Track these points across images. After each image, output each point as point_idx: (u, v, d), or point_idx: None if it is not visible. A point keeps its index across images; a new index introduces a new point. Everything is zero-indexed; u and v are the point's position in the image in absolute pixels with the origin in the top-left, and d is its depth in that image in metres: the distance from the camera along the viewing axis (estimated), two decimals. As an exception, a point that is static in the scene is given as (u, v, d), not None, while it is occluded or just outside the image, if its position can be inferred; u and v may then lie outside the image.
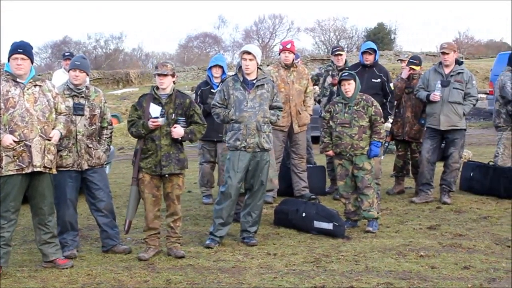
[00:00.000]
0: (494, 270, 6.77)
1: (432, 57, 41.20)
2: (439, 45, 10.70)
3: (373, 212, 8.61)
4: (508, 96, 10.49)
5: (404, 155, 11.22)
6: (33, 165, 6.92)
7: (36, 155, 6.93)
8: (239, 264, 7.22)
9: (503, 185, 10.47)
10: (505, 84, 10.56)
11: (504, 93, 10.56)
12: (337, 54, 11.25)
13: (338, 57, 11.22)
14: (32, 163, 6.91)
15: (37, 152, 6.93)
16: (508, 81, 10.54)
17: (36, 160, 6.93)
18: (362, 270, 6.85)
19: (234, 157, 8.00)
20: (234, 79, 8.12)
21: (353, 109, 8.65)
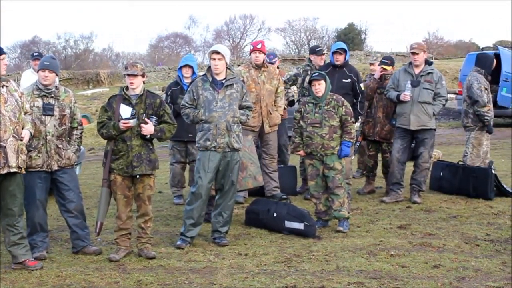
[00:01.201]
0: (463, 269, 6.83)
1: (402, 57, 41.37)
2: (409, 45, 10.76)
3: (343, 212, 8.64)
4: (474, 96, 10.58)
5: (375, 155, 11.27)
6: (9, 165, 6.87)
7: (11, 156, 6.88)
8: (210, 264, 7.21)
9: (472, 185, 10.55)
10: (472, 85, 10.64)
11: (471, 93, 10.64)
12: (323, 54, 11.22)
13: (322, 56, 11.19)
14: (7, 163, 6.86)
15: (12, 152, 6.89)
16: (475, 82, 10.63)
17: (12, 161, 6.88)
18: (333, 270, 6.88)
19: (204, 157, 7.98)
20: (203, 79, 8.10)
21: (324, 109, 8.66)
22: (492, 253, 7.47)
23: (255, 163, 9.16)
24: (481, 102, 10.56)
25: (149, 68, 46.15)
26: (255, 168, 9.13)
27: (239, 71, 10.21)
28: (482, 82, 10.65)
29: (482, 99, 10.55)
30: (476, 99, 10.56)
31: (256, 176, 9.15)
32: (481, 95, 10.53)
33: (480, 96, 10.53)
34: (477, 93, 10.54)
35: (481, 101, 10.55)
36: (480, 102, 10.56)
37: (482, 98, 10.55)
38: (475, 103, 10.61)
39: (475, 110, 10.65)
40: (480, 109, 10.59)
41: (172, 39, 77.49)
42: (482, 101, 10.55)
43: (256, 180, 9.15)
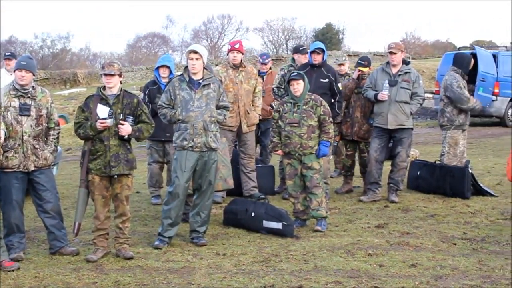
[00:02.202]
0: (440, 268, 6.87)
1: (380, 57, 41.54)
2: (387, 45, 10.80)
3: (321, 211, 8.65)
4: (455, 95, 10.63)
5: (352, 155, 11.30)
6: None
7: None
8: (188, 264, 7.20)
9: (449, 184, 10.61)
10: (451, 84, 10.70)
11: (451, 93, 10.70)
12: (307, 53, 11.11)
13: (306, 55, 10.99)
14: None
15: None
16: (454, 81, 10.69)
17: None
18: (311, 269, 6.89)
19: (181, 157, 7.97)
20: (180, 79, 8.09)
21: (302, 108, 8.67)
22: (469, 251, 7.52)
23: (227, 166, 9.15)
24: (465, 98, 10.63)
25: (127, 68, 45.98)
26: (227, 170, 9.12)
27: (217, 71, 10.20)
28: (460, 80, 10.72)
29: (464, 95, 10.62)
30: (459, 97, 10.62)
31: (227, 179, 9.14)
32: (462, 92, 10.60)
33: (461, 93, 10.60)
34: (458, 91, 10.60)
35: (464, 97, 10.63)
36: (464, 99, 10.63)
37: (464, 94, 10.62)
38: (459, 101, 10.67)
39: (462, 108, 10.72)
40: (466, 105, 10.67)
41: (150, 39, 77.23)
42: (465, 97, 10.63)
43: (226, 182, 9.14)
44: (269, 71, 12.36)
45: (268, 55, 12.79)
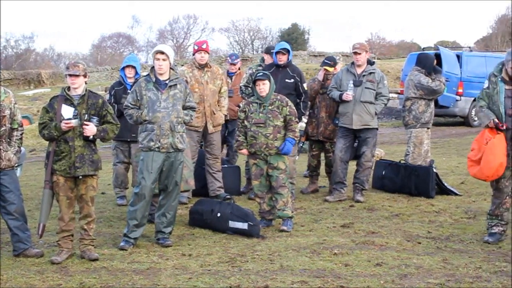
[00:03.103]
0: (405, 266, 6.91)
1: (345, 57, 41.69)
2: (352, 45, 10.85)
3: (287, 211, 8.67)
4: (429, 88, 10.76)
5: (318, 155, 11.33)
6: None
7: None
8: (154, 265, 7.17)
9: (414, 183, 10.69)
10: (420, 81, 10.81)
11: (424, 88, 10.80)
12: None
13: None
14: None
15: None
16: (421, 78, 10.81)
17: None
18: (277, 269, 6.89)
19: (148, 157, 7.94)
20: (147, 79, 8.06)
21: (268, 109, 8.68)
22: (433, 250, 7.58)
23: (188, 167, 9.14)
24: (437, 87, 10.82)
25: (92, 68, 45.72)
26: (188, 171, 9.12)
27: (182, 71, 10.18)
28: (424, 77, 10.84)
29: (436, 86, 10.77)
30: (432, 88, 10.77)
31: (188, 180, 9.13)
32: (432, 84, 10.77)
33: (432, 85, 10.77)
34: (428, 84, 10.77)
35: (436, 86, 10.77)
36: (437, 88, 10.84)
37: (435, 85, 10.77)
38: (433, 92, 10.83)
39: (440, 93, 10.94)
40: (442, 90, 10.89)
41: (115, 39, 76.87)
42: (437, 86, 10.78)
43: (187, 183, 9.13)
44: (238, 72, 12.37)
45: (237, 56, 12.78)
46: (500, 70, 7.75)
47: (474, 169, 7.84)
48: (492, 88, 7.72)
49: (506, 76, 7.66)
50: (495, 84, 7.70)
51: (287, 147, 8.67)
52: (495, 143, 7.62)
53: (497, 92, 7.67)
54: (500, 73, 7.73)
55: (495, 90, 7.68)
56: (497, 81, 7.69)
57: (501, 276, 6.60)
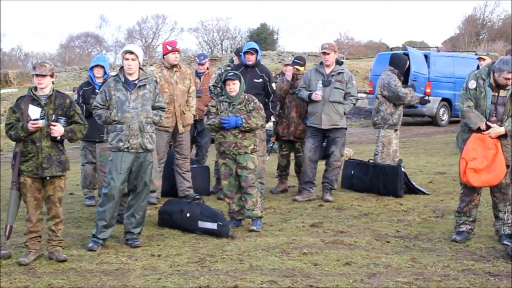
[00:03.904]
0: (374, 265, 6.95)
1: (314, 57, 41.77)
2: (321, 45, 10.88)
3: (257, 211, 8.67)
4: (395, 93, 10.81)
5: (288, 155, 11.35)
6: None
7: None
8: (123, 266, 7.14)
9: (383, 182, 10.75)
10: (388, 83, 10.86)
11: (390, 92, 10.85)
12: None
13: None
14: None
15: None
16: (391, 80, 10.86)
17: None
18: (247, 269, 6.90)
19: (117, 158, 7.90)
20: (116, 79, 8.02)
21: (237, 108, 8.68)
22: (402, 249, 7.62)
23: (154, 167, 9.11)
24: (403, 95, 10.85)
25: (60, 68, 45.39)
26: (154, 172, 9.09)
27: (152, 72, 10.15)
28: (397, 80, 10.90)
29: (402, 92, 10.83)
30: (398, 94, 10.81)
31: (154, 180, 9.09)
32: (400, 89, 10.83)
33: (399, 91, 10.83)
34: (396, 90, 10.82)
35: (403, 94, 10.83)
36: (402, 96, 10.85)
37: (402, 91, 10.84)
38: (399, 99, 10.86)
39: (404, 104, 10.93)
40: (407, 100, 10.90)
41: (83, 39, 76.40)
42: (403, 94, 10.85)
43: (153, 184, 9.09)
44: (206, 71, 12.37)
45: (205, 56, 12.78)
46: (488, 74, 7.72)
47: (482, 177, 7.66)
48: (480, 91, 7.72)
49: (493, 82, 7.69)
50: (482, 88, 7.70)
51: (230, 120, 8.62)
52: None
53: (484, 96, 7.68)
54: (488, 78, 7.71)
55: (482, 94, 7.69)
56: (485, 86, 7.70)
57: (468, 274, 6.66)
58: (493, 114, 7.67)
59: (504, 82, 7.56)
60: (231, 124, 8.59)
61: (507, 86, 7.61)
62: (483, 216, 8.93)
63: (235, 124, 8.59)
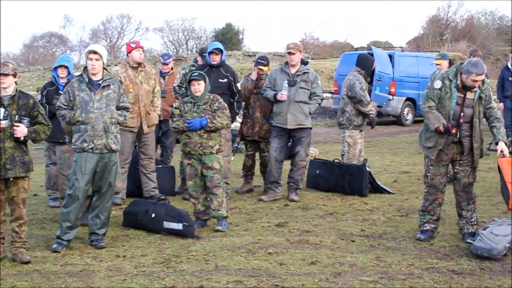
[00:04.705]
0: (339, 265, 6.98)
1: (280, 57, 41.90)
2: (286, 45, 10.91)
3: (222, 211, 8.66)
4: (357, 96, 10.86)
5: (253, 155, 11.35)
6: None
7: None
8: (88, 267, 7.09)
9: (348, 182, 10.80)
10: (354, 84, 10.91)
11: (354, 93, 10.90)
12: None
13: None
14: None
15: None
16: (357, 82, 10.91)
17: None
18: (212, 269, 6.89)
19: (81, 159, 7.85)
20: (80, 79, 7.97)
21: (202, 108, 8.67)
22: (366, 248, 7.67)
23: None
24: (365, 101, 10.90)
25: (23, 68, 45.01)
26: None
27: (116, 72, 10.09)
28: (363, 82, 10.96)
29: (365, 99, 10.89)
30: (360, 98, 10.86)
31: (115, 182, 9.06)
32: (364, 94, 10.87)
33: (363, 95, 10.86)
34: (360, 93, 10.85)
35: (365, 100, 10.89)
36: (364, 102, 10.89)
37: (365, 97, 10.89)
38: (359, 103, 10.90)
39: (360, 109, 10.95)
40: (365, 108, 10.94)
41: (47, 39, 75.82)
42: (366, 100, 10.90)
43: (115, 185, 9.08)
44: (171, 71, 12.34)
45: (169, 55, 12.74)
46: (455, 75, 7.77)
47: None
48: (445, 91, 7.74)
49: (460, 84, 7.72)
50: (448, 89, 7.73)
51: (195, 122, 8.63)
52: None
53: (449, 97, 7.72)
54: (455, 78, 7.73)
55: (448, 94, 7.72)
56: (451, 86, 7.73)
57: (432, 272, 6.71)
58: (461, 116, 7.71)
59: (471, 84, 7.61)
60: (196, 126, 8.59)
61: (473, 88, 7.66)
62: (447, 215, 9.01)
63: (200, 125, 8.59)
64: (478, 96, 7.70)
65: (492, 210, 9.49)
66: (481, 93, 7.71)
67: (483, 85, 7.71)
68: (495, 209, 9.61)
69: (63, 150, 9.03)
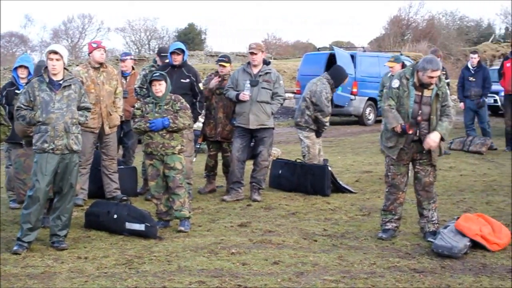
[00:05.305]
0: (302, 264, 7.00)
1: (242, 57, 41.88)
2: (248, 45, 10.92)
3: (185, 212, 8.65)
4: (321, 105, 10.92)
5: (215, 155, 11.34)
6: None
7: None
8: (49, 269, 7.03)
9: (310, 182, 10.84)
10: (321, 93, 10.96)
11: (318, 102, 10.95)
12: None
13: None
14: None
15: None
16: (324, 91, 10.98)
17: None
18: (175, 270, 6.87)
19: (42, 159, 7.78)
20: (40, 80, 7.90)
21: (163, 108, 8.64)
22: (329, 247, 7.70)
23: None
24: (326, 112, 10.99)
25: (-17, 69, 44.48)
26: None
27: (78, 72, 10.03)
28: (329, 92, 11.03)
29: (328, 110, 10.98)
30: (322, 108, 10.92)
31: None
32: (328, 105, 10.96)
33: (327, 106, 10.95)
34: (324, 103, 10.92)
35: (327, 111, 10.99)
36: (325, 112, 10.96)
37: (328, 108, 10.99)
38: (320, 112, 10.96)
39: (318, 117, 11.00)
40: (323, 119, 11.01)
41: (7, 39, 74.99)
42: (327, 111, 10.99)
43: None
44: (132, 72, 12.28)
45: (127, 53, 12.70)
46: (412, 74, 7.82)
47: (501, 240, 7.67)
48: (403, 90, 7.80)
49: (417, 82, 7.79)
50: (406, 87, 7.78)
51: (157, 122, 8.61)
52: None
53: (407, 95, 7.77)
54: (412, 77, 7.79)
55: (406, 93, 7.77)
56: (408, 85, 7.79)
57: (394, 271, 6.76)
58: (419, 113, 7.78)
59: (428, 81, 7.68)
60: (158, 126, 8.56)
61: (430, 86, 7.73)
62: (408, 214, 9.07)
63: (162, 126, 8.56)
64: (435, 93, 7.77)
65: (453, 209, 9.59)
66: (438, 90, 7.78)
67: (439, 82, 7.79)
68: (455, 207, 9.71)
69: (18, 154, 8.91)
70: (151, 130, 8.59)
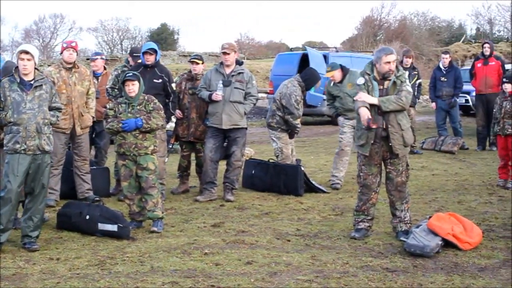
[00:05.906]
0: (275, 264, 7.00)
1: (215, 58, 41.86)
2: (221, 45, 10.92)
3: (157, 212, 8.62)
4: (291, 108, 10.95)
5: (188, 155, 11.33)
6: None
7: None
8: (20, 270, 6.98)
9: (283, 182, 10.86)
10: (291, 95, 10.99)
11: (288, 105, 10.98)
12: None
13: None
14: None
15: None
16: (294, 93, 11.01)
17: None
18: (148, 271, 6.85)
19: (14, 160, 7.72)
20: (11, 80, 7.83)
21: (136, 109, 8.61)
22: (302, 247, 7.71)
23: None
24: (296, 115, 11.01)
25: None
26: None
27: (49, 72, 9.97)
28: (299, 95, 11.04)
29: (298, 112, 11.00)
30: (292, 111, 10.94)
31: None
32: (298, 107, 10.99)
33: (297, 109, 10.97)
34: (294, 105, 10.95)
35: (297, 113, 11.01)
36: (295, 115, 10.99)
37: (298, 111, 11.01)
38: (290, 114, 10.99)
39: (288, 119, 11.03)
40: (294, 121, 11.04)
41: (-22, 38, 74.53)
42: (297, 114, 11.01)
43: None
44: (104, 72, 12.22)
45: (98, 53, 12.65)
46: (371, 69, 7.89)
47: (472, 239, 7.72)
48: (367, 85, 7.86)
49: (377, 75, 7.84)
50: (370, 82, 7.85)
51: (130, 122, 8.57)
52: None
53: (372, 89, 7.82)
54: (372, 72, 7.87)
55: (370, 87, 7.83)
56: (371, 79, 7.85)
57: (367, 270, 6.79)
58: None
59: (387, 68, 7.75)
60: (131, 127, 8.53)
61: (391, 75, 7.80)
62: (381, 213, 9.12)
63: (135, 126, 8.54)
64: (393, 82, 7.82)
65: (425, 208, 9.65)
66: (396, 79, 7.84)
67: (397, 71, 7.86)
68: (428, 207, 9.78)
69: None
70: (124, 130, 8.56)
